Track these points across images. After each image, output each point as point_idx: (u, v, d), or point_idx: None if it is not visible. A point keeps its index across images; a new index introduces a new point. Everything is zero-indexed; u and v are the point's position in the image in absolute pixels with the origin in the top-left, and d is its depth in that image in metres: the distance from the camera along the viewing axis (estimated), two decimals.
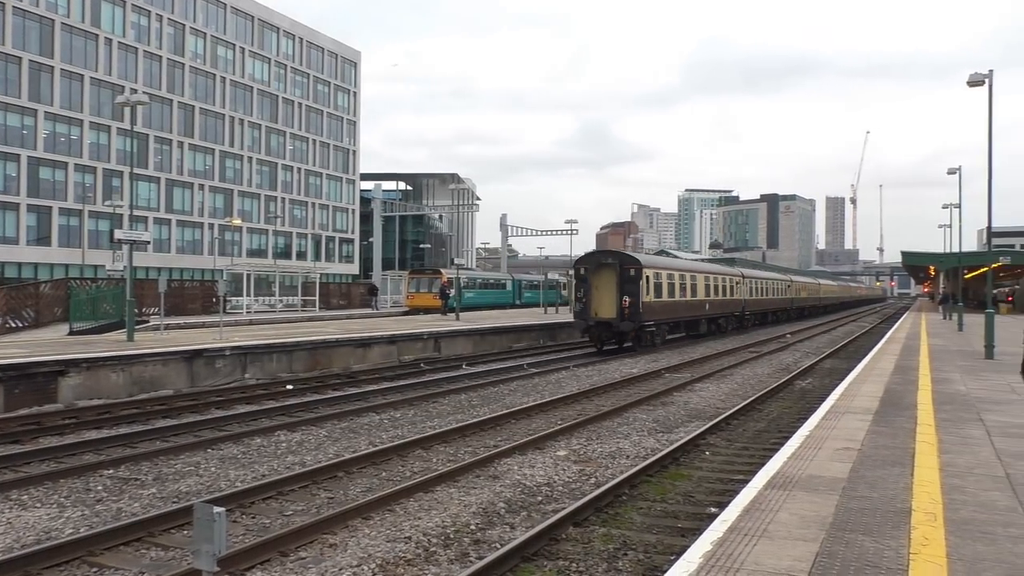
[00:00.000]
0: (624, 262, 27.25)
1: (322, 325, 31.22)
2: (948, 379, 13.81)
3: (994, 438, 8.23)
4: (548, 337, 32.84)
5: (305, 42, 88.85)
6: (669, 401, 16.48)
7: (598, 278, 27.24)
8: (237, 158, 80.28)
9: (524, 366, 22.80)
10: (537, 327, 32.49)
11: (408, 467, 10.44)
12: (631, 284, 26.76)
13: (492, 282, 60.98)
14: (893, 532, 5.07)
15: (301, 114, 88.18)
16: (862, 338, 37.51)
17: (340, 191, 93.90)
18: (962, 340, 24.92)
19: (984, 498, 5.88)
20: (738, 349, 29.86)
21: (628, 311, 26.64)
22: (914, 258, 63.11)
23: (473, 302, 51.28)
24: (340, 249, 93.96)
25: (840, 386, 12.96)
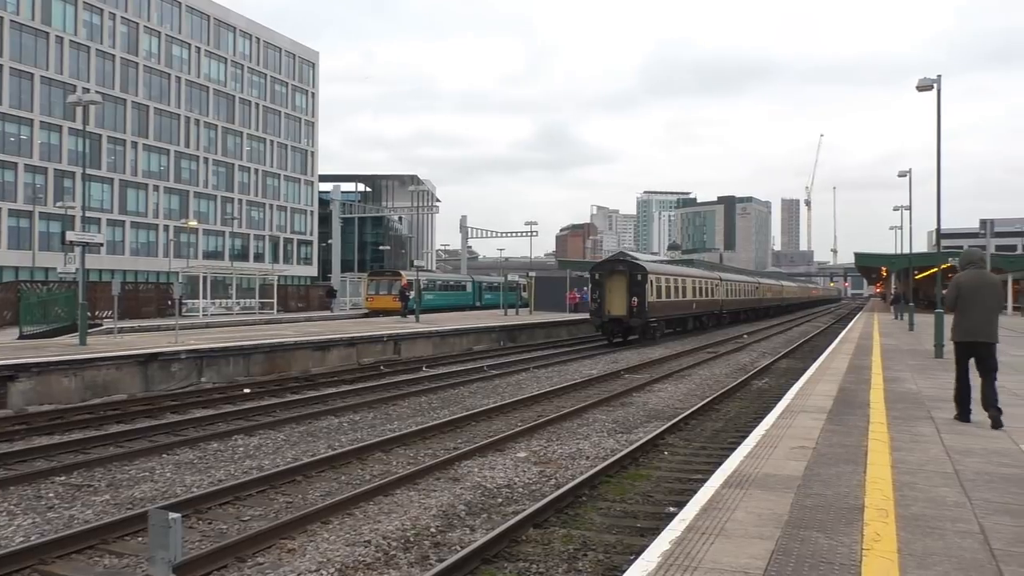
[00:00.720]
0: (633, 269, 32.87)
1: (280, 328, 30.90)
2: (900, 378, 14.10)
3: (943, 435, 8.43)
4: (508, 339, 32.89)
5: (262, 42, 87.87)
6: (628, 402, 16.60)
7: (611, 282, 32.62)
8: (193, 159, 79.09)
9: (484, 368, 22.80)
10: (497, 329, 32.52)
11: (368, 470, 10.38)
12: (638, 287, 32.18)
13: (452, 284, 60.86)
14: (846, 529, 5.16)
15: (258, 115, 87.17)
16: (817, 338, 38.16)
17: (298, 192, 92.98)
18: (913, 339, 25.47)
19: (934, 494, 6.02)
20: (697, 349, 30.19)
21: (636, 309, 32.04)
22: (866, 259, 64.36)
23: (433, 304, 51.14)
24: (298, 251, 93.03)
25: (795, 385, 13.17)
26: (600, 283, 32.74)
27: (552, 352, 28.85)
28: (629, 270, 32.85)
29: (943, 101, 21.85)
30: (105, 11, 69.88)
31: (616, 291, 32.46)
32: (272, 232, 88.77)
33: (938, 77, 22.00)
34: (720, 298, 45.95)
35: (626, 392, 17.73)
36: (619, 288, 32.47)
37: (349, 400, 16.63)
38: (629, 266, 33.46)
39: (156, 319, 39.04)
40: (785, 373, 22.24)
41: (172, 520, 4.45)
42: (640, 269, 32.91)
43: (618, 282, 32.58)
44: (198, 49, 79.56)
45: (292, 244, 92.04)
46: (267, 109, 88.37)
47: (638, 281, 32.36)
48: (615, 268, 33.53)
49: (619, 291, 32.43)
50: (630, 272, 32.68)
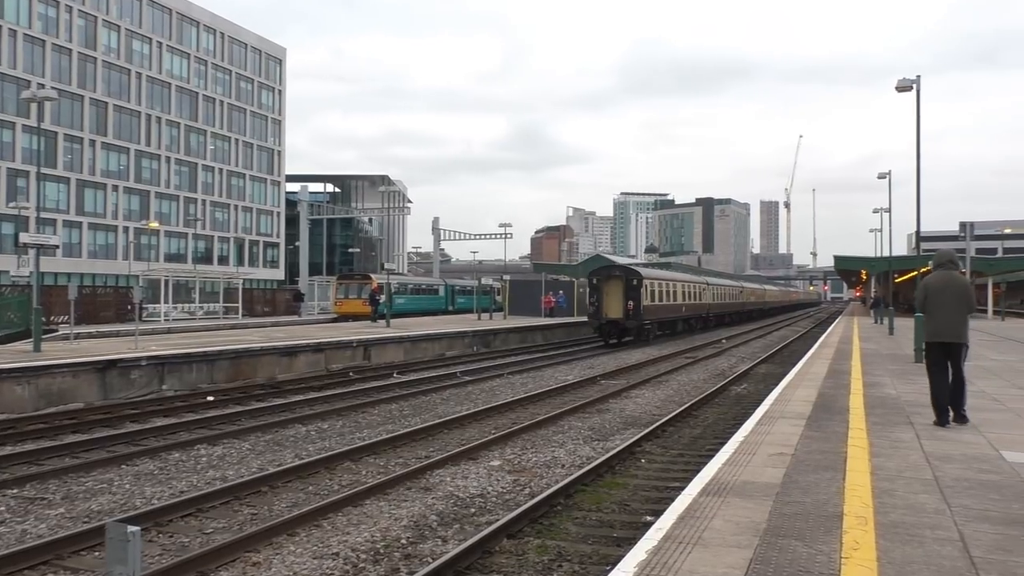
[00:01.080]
0: (629, 274, 35.84)
1: (245, 333, 30.67)
2: (879, 383, 14.27)
3: (923, 441, 8.54)
4: (482, 344, 32.89)
5: (227, 37, 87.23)
6: (605, 408, 16.65)
7: (608, 286, 35.51)
8: (154, 158, 78.30)
9: (457, 374, 22.79)
10: (471, 334, 32.51)
11: (336, 480, 10.32)
12: (634, 291, 35.07)
13: (424, 287, 60.75)
14: (825, 537, 5.21)
15: (223, 112, 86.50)
16: (796, 343, 38.52)
17: (264, 193, 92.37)
18: (893, 344, 25.79)
19: (913, 501, 6.09)
20: (676, 354, 30.37)
21: (632, 312, 34.94)
22: (846, 262, 65.06)
23: (404, 308, 51.00)
24: (264, 254, 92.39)
25: (774, 391, 13.28)
26: (598, 287, 35.68)
27: (527, 357, 28.88)
28: (626, 275, 35.84)
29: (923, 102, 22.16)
30: (61, 3, 69.03)
31: (613, 295, 35.41)
32: (237, 234, 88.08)
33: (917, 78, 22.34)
34: (707, 302, 48.90)
35: (602, 398, 17.79)
36: (616, 292, 35.38)
37: (317, 408, 16.54)
38: (626, 271, 36.43)
39: (115, 324, 38.56)
40: (764, 378, 22.42)
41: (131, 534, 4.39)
42: (636, 274, 35.91)
43: (615, 286, 35.50)
44: (160, 44, 78.82)
45: (258, 246, 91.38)
46: (232, 107, 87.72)
47: (634, 286, 35.25)
48: (612, 273, 36.50)
49: (616, 295, 35.35)
50: (626, 277, 35.68)
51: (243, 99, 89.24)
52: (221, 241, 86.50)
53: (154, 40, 78.13)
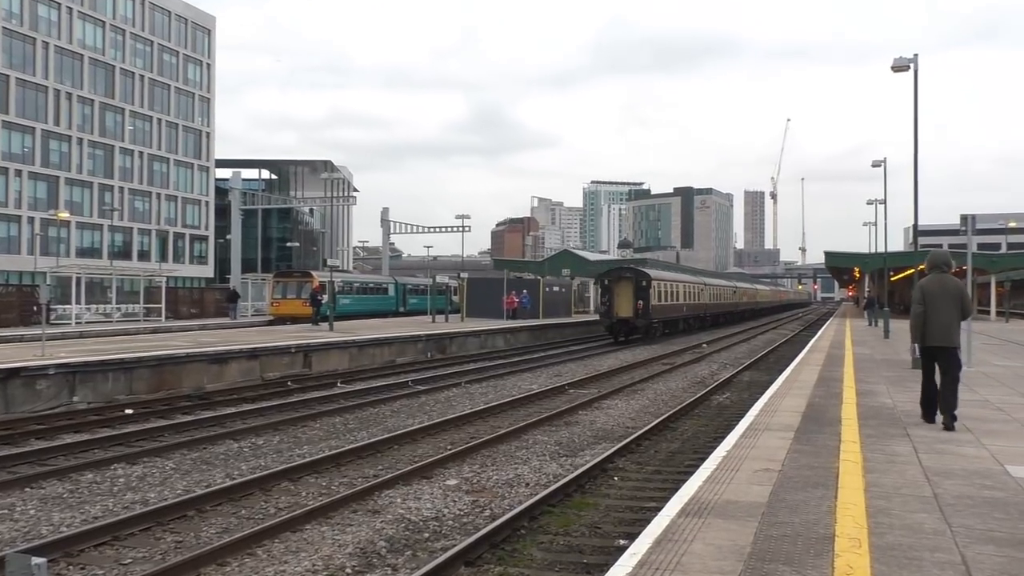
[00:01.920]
0: (638, 276, 42.16)
1: (169, 337, 30.29)
2: (873, 391, 14.49)
3: (921, 455, 8.68)
4: (437, 350, 32.84)
5: (148, 4, 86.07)
6: (574, 421, 16.71)
7: (619, 287, 41.47)
8: (64, 139, 76.94)
9: (409, 383, 22.74)
10: (424, 338, 32.44)
11: (273, 503, 10.24)
12: (643, 292, 41.06)
13: (372, 286, 60.48)
14: (815, 561, 5.27)
15: (143, 88, 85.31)
16: (784, 347, 39.00)
17: (191, 180, 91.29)
18: (888, 348, 26.21)
19: (911, 520, 6.19)
20: (650, 361, 30.59)
21: (642, 311, 40.87)
22: (837, 259, 66.03)
23: (349, 309, 50.69)
24: (191, 248, 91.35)
25: (760, 400, 13.43)
26: (609, 288, 41.73)
27: (487, 365, 28.88)
28: (635, 276, 42.11)
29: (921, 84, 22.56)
30: None
31: (624, 295, 41.20)
32: (160, 226, 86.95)
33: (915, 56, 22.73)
34: (705, 302, 55.33)
35: (571, 410, 17.85)
36: (627, 292, 41.19)
37: (251, 421, 16.40)
38: (635, 273, 42.98)
39: (18, 328, 37.85)
40: (748, 387, 22.65)
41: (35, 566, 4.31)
42: (645, 276, 42.19)
43: (626, 287, 41.36)
44: (70, 10, 77.47)
45: (184, 240, 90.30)
46: (154, 82, 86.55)
47: (643, 286, 41.17)
48: (622, 274, 42.82)
49: (627, 295, 41.15)
50: (636, 278, 41.73)
51: (166, 74, 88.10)
52: (141, 234, 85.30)
53: (64, 5, 76.77)
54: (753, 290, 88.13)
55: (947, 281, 10.39)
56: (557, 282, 58.30)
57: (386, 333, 32.05)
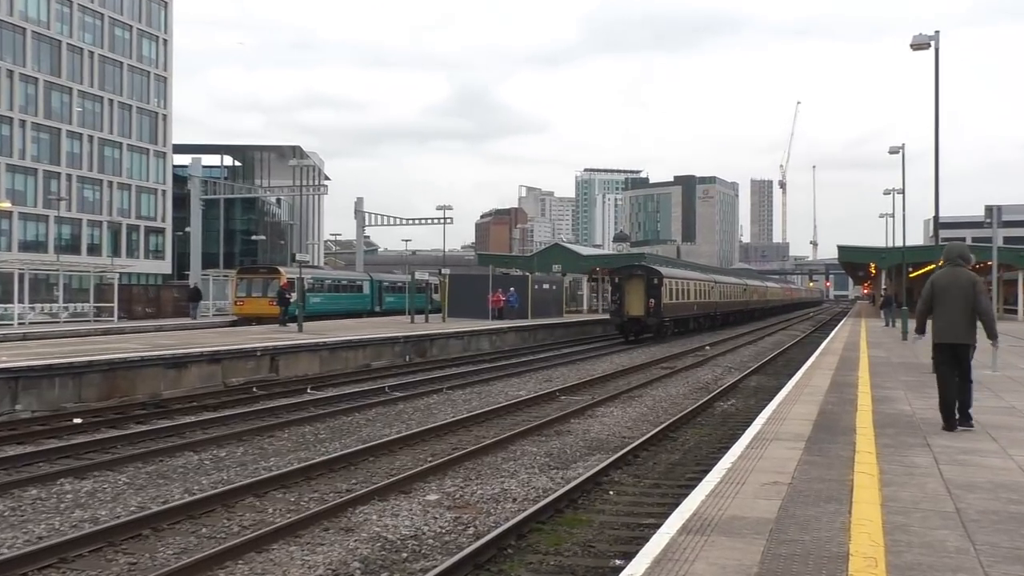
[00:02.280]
0: (650, 273, 44.95)
1: (123, 339, 30.19)
2: (891, 397, 14.55)
3: (942, 466, 8.72)
4: (416, 352, 32.83)
5: None
6: (565, 430, 16.74)
7: (630, 285, 44.09)
8: (4, 121, 76.49)
9: (386, 389, 22.75)
10: (402, 340, 32.43)
11: (236, 520, 10.21)
12: (655, 290, 43.82)
13: (345, 283, 60.46)
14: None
15: (93, 66, 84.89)
16: (793, 350, 39.13)
17: (146, 167, 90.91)
18: (906, 351, 26.32)
19: (931, 538, 6.21)
20: (649, 364, 30.67)
21: (653, 310, 43.66)
22: (852, 253, 66.29)
23: (320, 309, 50.64)
24: (147, 242, 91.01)
25: (767, 408, 13.47)
26: (620, 286, 44.45)
27: (471, 369, 28.89)
28: (647, 274, 44.90)
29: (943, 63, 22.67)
30: None
31: (635, 293, 43.89)
32: (112, 217, 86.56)
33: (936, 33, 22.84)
34: (715, 300, 58.86)
35: (562, 418, 17.87)
36: (638, 290, 43.88)
37: (212, 431, 16.36)
38: (647, 271, 45.76)
39: None
40: (755, 393, 22.72)
41: None
42: (656, 273, 45.03)
43: (637, 285, 44.03)
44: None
45: (138, 233, 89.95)
46: (105, 59, 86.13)
47: (654, 284, 43.94)
48: (633, 272, 45.62)
49: (638, 293, 43.82)
50: (648, 276, 44.59)
51: (119, 50, 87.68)
52: (91, 226, 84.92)
53: None
54: (763, 288, 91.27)
55: (959, 275, 10.71)
56: (547, 279, 58.40)
57: (360, 334, 32.01)
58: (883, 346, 28.82)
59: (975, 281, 10.76)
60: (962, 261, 10.91)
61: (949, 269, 10.82)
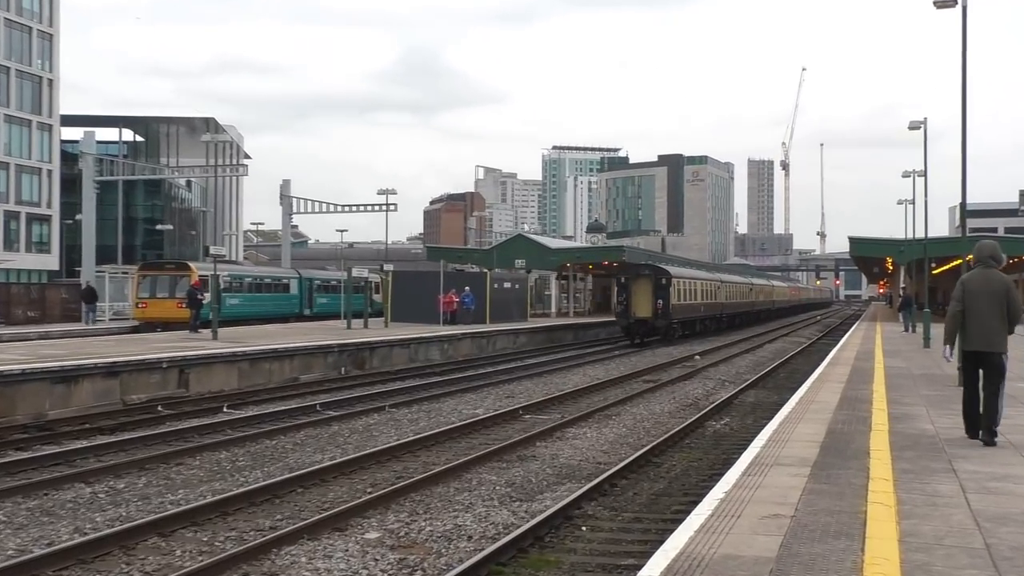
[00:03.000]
0: (658, 273, 50.72)
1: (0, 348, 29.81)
2: (911, 415, 14.72)
3: (970, 495, 8.81)
4: (354, 364, 32.74)
5: None
6: (530, 455, 16.76)
7: (637, 285, 49.40)
8: None
9: (318, 407, 22.67)
10: (337, 349, 32.31)
11: (137, 565, 10.13)
12: (663, 290, 49.03)
13: (269, 282, 60.07)
14: None
15: None
16: (797, 359, 39.46)
17: (27, 142, 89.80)
18: (929, 360, 26.63)
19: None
20: (628, 377, 30.79)
21: (661, 311, 48.88)
22: (865, 247, 66.93)
23: (239, 312, 50.34)
24: (28, 232, 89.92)
25: (767, 428, 13.57)
26: (626, 286, 49.62)
27: (419, 383, 28.86)
28: (654, 274, 50.38)
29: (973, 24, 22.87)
30: None
31: (642, 294, 49.07)
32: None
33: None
34: (721, 300, 64.73)
35: (527, 441, 17.89)
36: (645, 291, 49.08)
37: (109, 458, 16.20)
38: (655, 270, 51.40)
39: None
40: (753, 410, 22.89)
41: None
42: (665, 273, 50.42)
43: (644, 285, 49.30)
44: None
45: (18, 221, 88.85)
46: None
47: (663, 285, 49.05)
48: (641, 272, 51.30)
49: (645, 294, 49.02)
50: (655, 276, 49.98)
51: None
52: None
53: None
54: (769, 287, 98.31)
55: (992, 277, 11.33)
56: (509, 276, 58.43)
57: (287, 342, 31.86)
58: (901, 355, 29.14)
59: (1008, 286, 11.34)
60: (993, 262, 11.47)
61: (980, 271, 11.43)
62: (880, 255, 68.51)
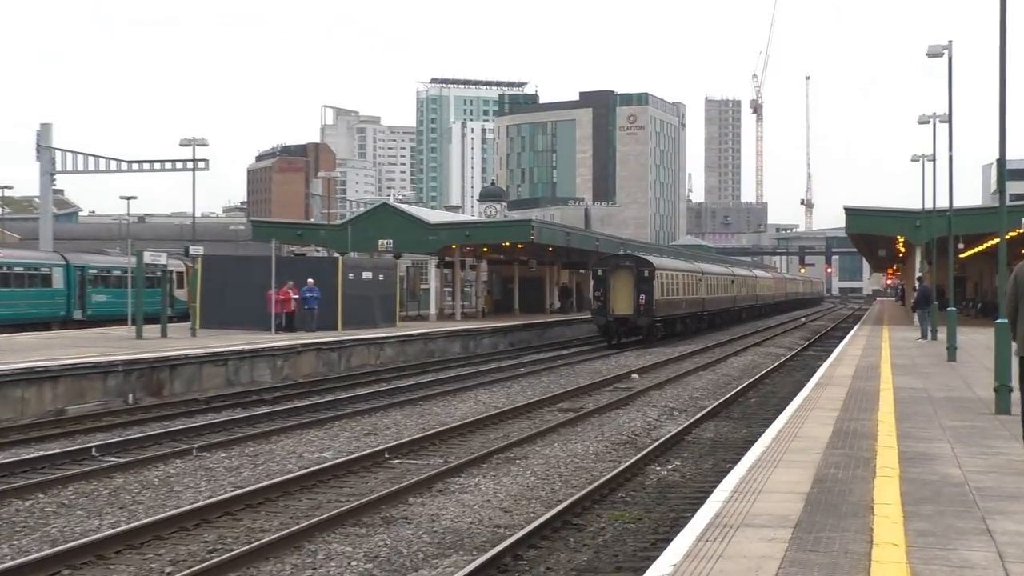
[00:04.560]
0: (640, 264, 59.36)
1: None
2: (930, 454, 14.90)
3: (1010, 564, 8.94)
4: (146, 388, 32.35)
5: None
6: (400, 516, 16.70)
7: (616, 278, 58.14)
8: None
9: (93, 452, 22.48)
10: (121, 367, 31.87)
11: None
12: (646, 284, 57.65)
13: (20, 271, 58.92)
14: None
15: None
16: (773, 377, 39.87)
17: None
18: (954, 377, 27.04)
19: None
20: (539, 404, 30.80)
21: (644, 308, 57.57)
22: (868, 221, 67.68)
23: None
24: None
25: (732, 474, 13.64)
26: (603, 280, 58.31)
27: (240, 416, 28.63)
28: (636, 265, 58.95)
29: None
30: None
31: (622, 288, 57.75)
32: None
33: None
34: (702, 295, 74.46)
35: (396, 496, 17.84)
36: (625, 285, 57.72)
37: None
38: (636, 261, 60.25)
39: None
40: (712, 450, 23.07)
41: None
42: (647, 264, 59.36)
43: (624, 278, 57.95)
44: None
45: None
46: None
47: (645, 277, 57.77)
48: (620, 263, 59.94)
49: (625, 288, 57.69)
50: (637, 268, 58.52)
51: None
52: None
53: None
54: (752, 278, 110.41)
55: None
56: (371, 264, 58.26)
57: (47, 359, 31.37)
58: (917, 370, 29.54)
59: None
60: None
61: None
62: (888, 232, 68.87)
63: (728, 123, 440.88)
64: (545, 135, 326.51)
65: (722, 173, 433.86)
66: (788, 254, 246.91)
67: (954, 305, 40.63)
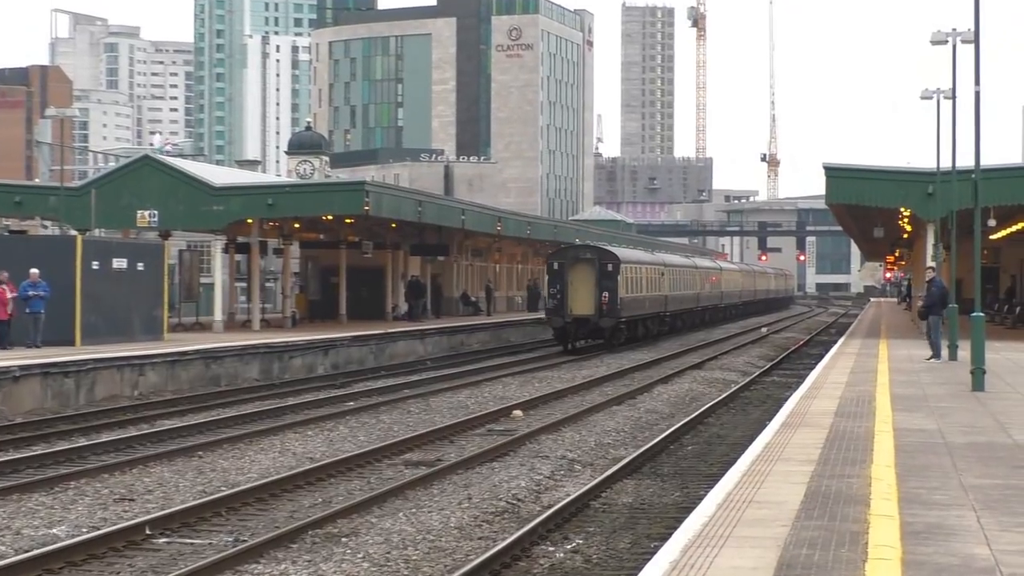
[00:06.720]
0: (603, 257, 71.24)
1: None
2: (945, 527, 15.02)
3: None
4: None
5: None
6: None
7: (574, 273, 69.66)
8: None
9: None
10: None
11: None
12: (609, 279, 69.40)
13: None
14: None
15: None
16: (721, 414, 40.16)
17: None
18: (982, 415, 27.41)
19: None
20: (377, 453, 30.77)
21: (607, 307, 69.33)
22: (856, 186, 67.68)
23: None
24: None
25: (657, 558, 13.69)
26: (560, 274, 69.56)
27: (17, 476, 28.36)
28: (599, 258, 70.49)
29: None
30: None
31: (581, 284, 69.00)
32: None
33: None
34: (664, 292, 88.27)
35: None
36: (585, 280, 69.17)
37: None
38: (599, 253, 71.23)
39: None
40: (630, 521, 23.15)
41: None
42: (611, 257, 70.66)
43: (584, 273, 69.37)
44: None
45: None
46: None
47: (609, 272, 69.30)
48: (580, 255, 71.26)
49: (586, 284, 69.09)
50: (600, 261, 70.05)
51: None
52: None
53: None
54: (716, 270, 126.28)
55: None
56: (126, 247, 57.98)
57: None
58: (927, 405, 29.93)
59: None
60: None
61: None
62: (887, 203, 68.10)
63: (656, 42, 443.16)
64: (387, 56, 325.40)
65: (647, 116, 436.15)
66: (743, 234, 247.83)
67: (981, 309, 40.65)
